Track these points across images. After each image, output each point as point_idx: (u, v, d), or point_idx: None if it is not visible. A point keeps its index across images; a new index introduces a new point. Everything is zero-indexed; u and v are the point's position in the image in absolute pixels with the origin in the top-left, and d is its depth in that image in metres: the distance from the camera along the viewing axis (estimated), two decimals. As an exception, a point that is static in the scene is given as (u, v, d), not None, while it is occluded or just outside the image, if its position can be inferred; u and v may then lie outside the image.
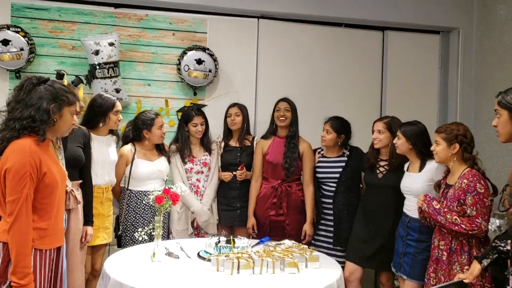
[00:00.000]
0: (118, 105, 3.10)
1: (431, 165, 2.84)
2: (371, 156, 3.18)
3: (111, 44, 3.55)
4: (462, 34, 4.23)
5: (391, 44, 4.30)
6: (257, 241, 2.97)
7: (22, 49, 3.43)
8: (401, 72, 4.30)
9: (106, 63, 3.53)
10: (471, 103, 4.21)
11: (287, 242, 2.73)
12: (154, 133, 3.26)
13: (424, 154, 2.87)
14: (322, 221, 3.40)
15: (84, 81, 2.56)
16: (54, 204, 2.00)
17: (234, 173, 3.45)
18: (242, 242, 2.62)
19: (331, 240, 3.35)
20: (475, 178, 2.47)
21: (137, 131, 3.28)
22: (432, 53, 4.38)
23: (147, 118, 3.27)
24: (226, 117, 3.56)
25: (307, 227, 3.38)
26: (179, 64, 3.76)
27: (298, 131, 3.49)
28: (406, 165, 3.02)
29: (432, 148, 2.67)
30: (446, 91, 4.37)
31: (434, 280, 2.60)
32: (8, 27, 3.43)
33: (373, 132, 3.17)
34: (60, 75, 3.01)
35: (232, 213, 3.48)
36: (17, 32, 3.44)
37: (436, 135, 2.65)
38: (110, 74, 3.55)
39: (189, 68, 3.72)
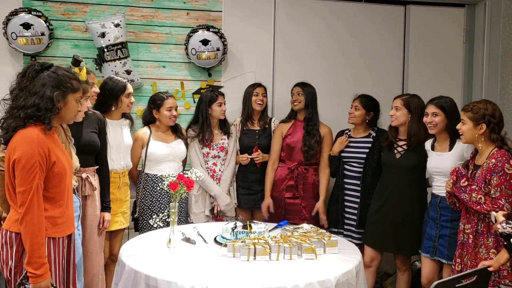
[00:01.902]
0: (129, 87, 3.06)
1: (460, 143, 2.72)
2: (390, 134, 3.09)
3: (116, 25, 3.50)
4: (489, 6, 4.01)
5: (414, 19, 4.12)
6: (274, 225, 2.92)
7: (43, 34, 3.41)
8: (424, 48, 4.12)
9: (113, 45, 3.48)
10: (498, 79, 4.02)
11: (306, 226, 2.69)
12: (163, 114, 3.22)
13: (455, 131, 2.73)
14: (346, 203, 3.34)
15: (83, 61, 2.50)
16: (65, 192, 1.99)
17: (250, 156, 3.40)
18: (259, 227, 2.58)
19: (354, 223, 3.29)
20: (504, 158, 2.38)
21: (149, 111, 3.28)
22: (457, 28, 4.17)
23: (157, 98, 3.26)
24: (249, 97, 3.48)
25: (319, 205, 3.36)
26: (187, 49, 3.67)
27: (317, 114, 3.42)
28: (428, 144, 2.91)
29: (458, 127, 2.55)
30: (471, 67, 4.18)
31: (460, 266, 2.53)
32: (29, 10, 3.40)
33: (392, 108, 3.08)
34: (76, 61, 2.96)
35: (253, 196, 3.45)
36: (39, 16, 3.40)
37: (462, 113, 2.53)
38: (119, 56, 3.50)
39: (196, 51, 3.63)
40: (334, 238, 2.51)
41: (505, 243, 2.04)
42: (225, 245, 2.35)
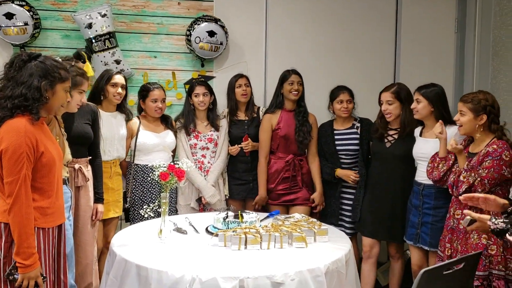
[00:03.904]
0: (116, 78, 3.05)
1: (450, 130, 2.74)
2: (380, 126, 3.10)
3: (103, 16, 3.48)
4: (480, -4, 4.02)
5: (406, 9, 4.11)
6: (266, 214, 2.94)
7: (26, 24, 3.37)
8: (416, 38, 4.12)
9: (101, 35, 3.46)
10: (489, 69, 4.04)
11: (297, 216, 2.71)
12: (148, 105, 3.23)
13: (444, 118, 2.77)
14: (342, 195, 3.36)
15: (84, 56, 2.50)
16: (54, 183, 1.99)
17: (239, 146, 3.40)
18: (250, 216, 2.60)
19: (348, 213, 3.32)
20: (505, 146, 2.42)
21: (138, 101, 3.29)
22: (448, 17, 4.17)
23: (143, 89, 3.27)
24: (233, 89, 3.47)
25: (316, 196, 3.35)
26: (190, 35, 3.66)
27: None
28: (417, 131, 2.94)
29: (456, 118, 2.56)
30: (463, 56, 4.19)
31: (450, 251, 2.56)
32: (12, 0, 3.37)
33: (380, 103, 3.08)
34: (79, 55, 2.94)
35: (245, 186, 3.45)
36: (22, 6, 3.37)
37: (461, 104, 2.53)
38: (108, 46, 3.49)
39: (200, 40, 3.62)
40: (325, 226, 2.53)
41: (499, 239, 2.04)
42: (216, 235, 2.37)
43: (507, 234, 1.72)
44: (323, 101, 3.46)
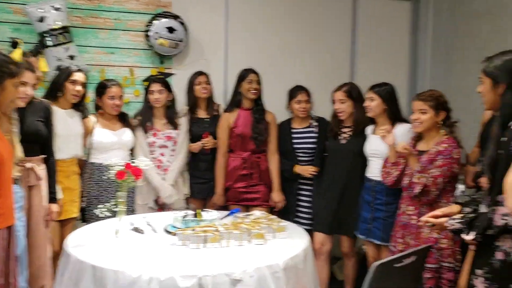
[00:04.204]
0: (76, 75, 2.97)
1: (400, 128, 2.84)
2: (334, 125, 3.18)
3: (56, 9, 3.37)
4: (433, 1, 4.18)
5: (362, 10, 4.22)
6: (227, 213, 2.94)
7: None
8: (372, 39, 4.24)
9: (54, 30, 3.35)
10: (442, 71, 4.20)
11: (257, 213, 2.72)
12: (105, 102, 3.16)
13: (396, 116, 2.87)
14: (299, 191, 3.40)
15: (20, 43, 2.43)
16: (3, 182, 1.91)
17: (200, 142, 3.37)
18: (209, 215, 2.59)
19: (306, 210, 3.37)
20: (454, 144, 2.54)
21: (95, 98, 3.21)
22: (403, 19, 4.32)
23: (100, 86, 3.19)
24: (192, 86, 3.45)
25: (274, 195, 3.37)
26: (148, 31, 3.60)
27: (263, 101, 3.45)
28: (369, 129, 3.03)
29: (415, 116, 2.64)
30: (417, 59, 4.35)
31: (402, 246, 2.65)
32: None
33: (333, 102, 3.15)
34: (14, 43, 2.84)
35: (206, 185, 3.43)
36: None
37: (421, 103, 2.62)
38: (61, 41, 3.38)
39: (159, 37, 3.57)
40: (284, 223, 2.55)
41: (456, 238, 2.13)
42: (175, 234, 2.35)
43: (462, 235, 1.79)
44: (283, 100, 3.48)
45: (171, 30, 3.59)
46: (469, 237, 1.71)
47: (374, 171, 2.92)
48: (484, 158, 1.83)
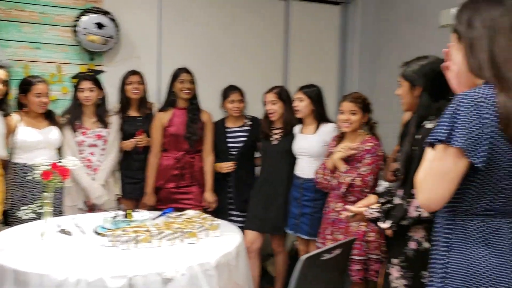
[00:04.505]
0: None
1: (325, 127, 2.99)
2: (265, 127, 3.26)
3: None
4: (360, 5, 4.37)
5: (295, 14, 4.33)
6: (159, 213, 2.91)
7: None
8: (304, 42, 4.36)
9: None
10: (368, 74, 4.41)
11: (190, 213, 2.71)
12: (30, 100, 3.02)
13: (322, 117, 3.00)
14: (230, 189, 3.42)
15: None
16: None
17: (133, 140, 3.31)
18: (141, 215, 2.56)
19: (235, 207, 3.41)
20: (377, 143, 2.71)
21: (17, 96, 3.06)
22: (333, 24, 4.48)
23: (25, 82, 3.04)
24: (124, 85, 3.38)
25: (207, 195, 3.39)
26: (76, 26, 3.47)
27: (198, 101, 3.45)
28: (297, 128, 3.14)
29: (345, 117, 2.76)
30: (345, 61, 4.53)
31: (331, 242, 2.75)
32: None
33: (264, 103, 3.24)
34: None
35: (139, 185, 3.37)
36: None
37: (352, 104, 2.75)
38: None
39: (88, 32, 3.45)
40: (217, 221, 2.58)
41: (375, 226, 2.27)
42: (104, 235, 2.29)
43: (378, 223, 1.92)
44: (212, 98, 3.50)
45: (100, 26, 3.49)
46: (385, 225, 1.85)
47: (302, 169, 3.04)
48: (399, 154, 1.98)
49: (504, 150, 1.23)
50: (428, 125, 1.80)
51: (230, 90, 3.41)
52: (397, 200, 1.87)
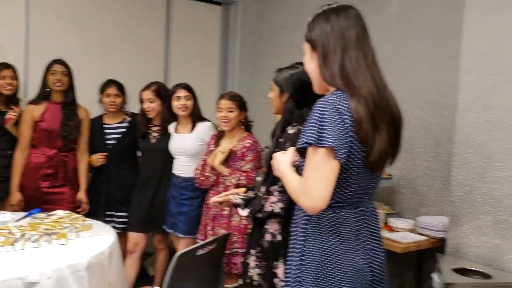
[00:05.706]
0: None
1: (201, 126, 3.05)
2: (142, 124, 3.23)
3: None
4: (240, 8, 4.50)
5: (176, 11, 4.30)
6: (25, 214, 2.71)
7: None
8: (186, 40, 4.36)
9: None
10: (248, 75, 4.57)
11: (60, 213, 2.58)
12: None
13: (198, 115, 3.04)
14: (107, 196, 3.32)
15: None
16: None
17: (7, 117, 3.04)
18: (3, 216, 2.36)
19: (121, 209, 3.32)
20: (255, 140, 2.83)
21: None
22: (214, 24, 4.55)
23: None
24: None
25: (81, 196, 3.25)
26: None
27: (76, 96, 3.27)
28: (171, 127, 3.16)
29: (223, 115, 2.83)
30: (227, 61, 4.63)
31: (213, 237, 2.82)
32: None
33: (141, 101, 3.21)
34: None
35: (4, 184, 3.10)
36: None
37: (230, 102, 2.84)
38: None
39: None
40: (89, 222, 2.48)
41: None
42: (-42, 240, 2.08)
43: (238, 208, 2.05)
44: (88, 94, 3.35)
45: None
46: (243, 213, 1.99)
47: (179, 168, 3.08)
48: (264, 154, 2.13)
49: (356, 150, 1.39)
50: (290, 130, 1.95)
51: (106, 84, 3.30)
52: (259, 194, 2.01)
